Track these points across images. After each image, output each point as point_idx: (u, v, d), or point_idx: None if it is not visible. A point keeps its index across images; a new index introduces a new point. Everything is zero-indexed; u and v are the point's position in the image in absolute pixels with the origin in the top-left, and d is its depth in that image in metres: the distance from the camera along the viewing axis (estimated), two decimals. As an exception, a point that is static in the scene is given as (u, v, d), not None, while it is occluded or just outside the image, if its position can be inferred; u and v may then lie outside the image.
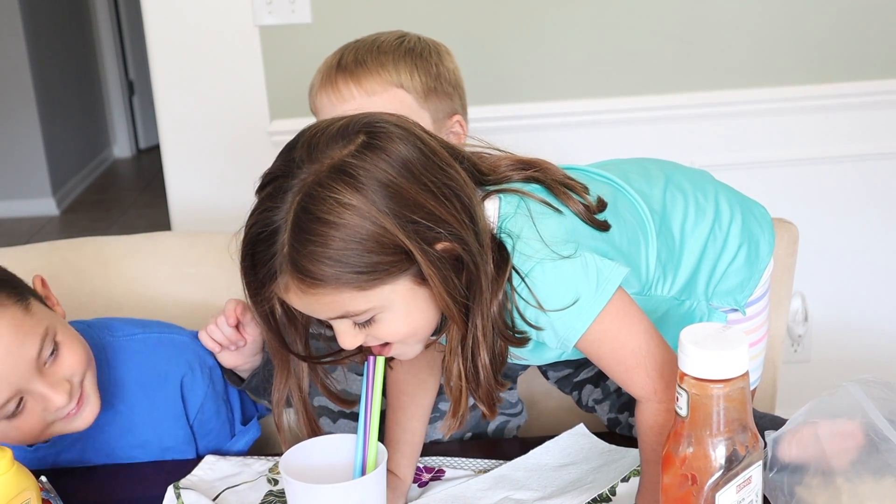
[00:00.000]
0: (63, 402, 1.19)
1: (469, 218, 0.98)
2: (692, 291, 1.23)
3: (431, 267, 0.95)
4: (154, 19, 2.17)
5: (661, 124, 2.24)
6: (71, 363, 1.21)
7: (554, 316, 1.02)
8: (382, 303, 0.97)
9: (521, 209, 1.04)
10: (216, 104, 2.21)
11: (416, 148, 0.97)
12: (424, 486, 1.24)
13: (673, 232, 1.20)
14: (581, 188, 1.09)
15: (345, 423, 1.42)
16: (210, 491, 1.24)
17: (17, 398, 1.17)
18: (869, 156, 2.29)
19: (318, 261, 0.93)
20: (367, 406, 1.10)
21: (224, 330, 1.32)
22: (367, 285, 0.95)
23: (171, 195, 2.28)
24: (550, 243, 1.01)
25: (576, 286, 1.02)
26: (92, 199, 5.15)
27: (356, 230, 0.93)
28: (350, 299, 0.96)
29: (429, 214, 0.95)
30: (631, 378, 1.07)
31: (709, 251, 1.23)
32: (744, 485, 0.94)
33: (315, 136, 0.97)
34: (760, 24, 2.21)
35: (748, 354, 0.92)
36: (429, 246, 0.95)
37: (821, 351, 2.41)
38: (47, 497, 1.19)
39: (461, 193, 0.99)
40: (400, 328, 1.00)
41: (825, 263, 2.34)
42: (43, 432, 1.22)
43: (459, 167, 1.01)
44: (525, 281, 1.01)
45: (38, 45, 4.78)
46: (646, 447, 1.10)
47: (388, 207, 0.93)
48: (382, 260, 0.94)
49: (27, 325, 1.18)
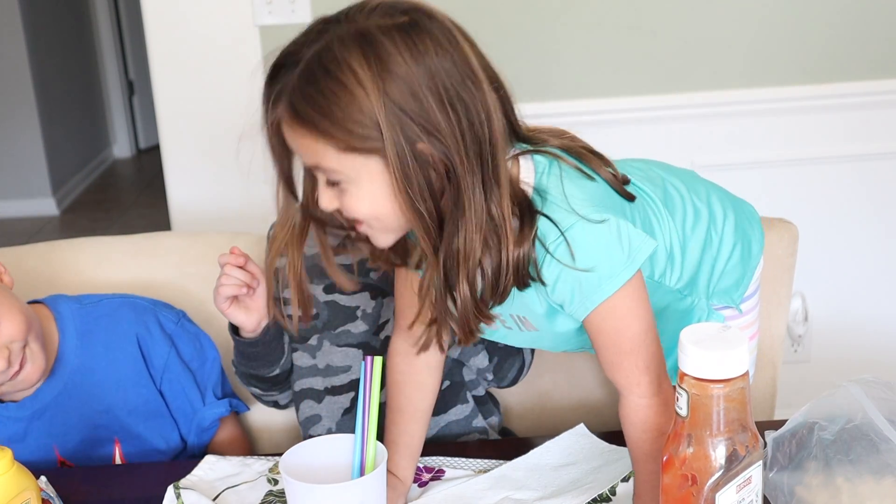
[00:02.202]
0: (1, 367, 1.26)
1: (472, 139, 0.99)
2: (694, 288, 1.24)
3: (397, 158, 0.97)
4: (154, 19, 2.17)
5: (661, 124, 2.24)
6: (9, 332, 1.28)
7: (582, 276, 1.03)
8: (350, 173, 1.00)
9: (554, 170, 1.06)
10: (216, 104, 2.21)
11: (449, 56, 0.99)
12: (424, 486, 1.24)
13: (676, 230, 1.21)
14: (607, 160, 1.12)
15: (330, 400, 1.42)
16: (210, 491, 1.24)
17: None
18: (869, 156, 2.29)
19: (309, 106, 0.98)
20: (364, 406, 1.10)
21: (235, 273, 1.33)
22: (342, 149, 0.99)
23: (171, 195, 2.28)
24: (583, 206, 1.03)
25: (609, 251, 1.03)
26: (92, 199, 5.14)
27: (349, 96, 0.96)
28: (325, 153, 1.00)
29: (423, 115, 0.97)
30: (620, 363, 1.08)
31: (707, 251, 1.24)
32: (744, 485, 0.94)
33: (370, 1, 1.01)
34: (760, 24, 2.21)
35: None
36: (406, 141, 0.97)
37: (821, 351, 2.41)
38: (47, 497, 1.19)
39: (473, 112, 0.99)
40: (362, 207, 1.02)
41: (825, 263, 2.34)
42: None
43: (493, 95, 1.02)
44: (565, 236, 1.02)
45: (38, 45, 4.77)
46: (632, 445, 1.11)
47: (387, 89, 0.96)
48: (362, 132, 0.97)
49: None
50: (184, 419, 1.46)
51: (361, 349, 1.42)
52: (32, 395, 1.38)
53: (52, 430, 1.40)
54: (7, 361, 1.27)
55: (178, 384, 1.45)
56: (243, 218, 2.20)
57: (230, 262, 1.33)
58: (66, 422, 1.40)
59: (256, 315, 1.37)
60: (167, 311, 1.48)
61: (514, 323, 1.16)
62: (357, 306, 1.42)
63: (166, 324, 1.46)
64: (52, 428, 1.40)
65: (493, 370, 1.43)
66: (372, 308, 1.42)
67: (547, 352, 1.50)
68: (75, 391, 1.40)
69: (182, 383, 1.45)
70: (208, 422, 1.46)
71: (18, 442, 1.39)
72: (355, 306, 1.42)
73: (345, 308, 1.43)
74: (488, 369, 1.43)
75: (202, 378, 1.47)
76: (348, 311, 1.42)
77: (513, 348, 1.43)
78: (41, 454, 1.40)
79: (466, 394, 1.44)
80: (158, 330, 1.44)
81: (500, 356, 1.42)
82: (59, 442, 1.40)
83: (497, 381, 1.46)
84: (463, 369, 1.43)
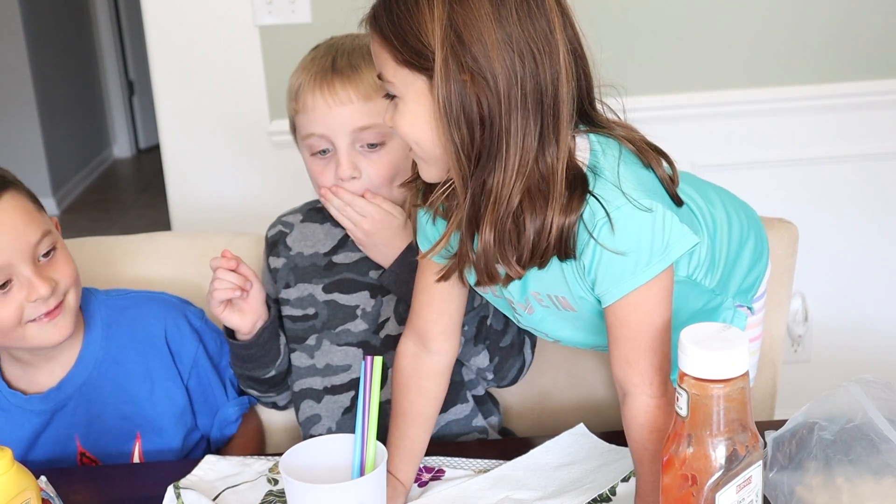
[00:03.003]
0: (46, 293, 1.28)
1: (533, 88, 1.00)
2: (724, 288, 1.25)
3: (442, 84, 0.99)
4: (154, 19, 2.17)
5: (661, 124, 2.23)
6: (62, 270, 1.33)
7: (618, 260, 1.04)
8: (402, 88, 1.03)
9: (614, 151, 1.07)
10: (216, 104, 2.21)
11: (529, 9, 1.00)
12: (424, 486, 1.24)
13: None
14: (666, 157, 1.12)
15: (330, 399, 1.42)
16: (210, 491, 1.24)
17: (4, 279, 1.27)
18: (869, 156, 2.29)
19: (384, 12, 1.02)
20: (364, 406, 1.10)
21: (228, 276, 1.33)
22: (398, 60, 1.02)
23: (171, 195, 2.28)
24: (634, 189, 1.04)
25: (649, 239, 1.04)
26: (92, 199, 5.14)
27: (417, 10, 0.99)
28: (386, 62, 1.04)
29: (481, 51, 0.98)
30: (637, 360, 1.07)
31: (731, 252, 1.25)
32: (744, 485, 0.94)
33: None
34: (761, 24, 2.21)
35: (748, 352, 0.93)
36: (455, 69, 0.98)
37: (821, 351, 2.41)
38: (47, 497, 1.19)
39: (541, 66, 1.00)
40: (404, 125, 1.05)
41: (825, 263, 2.34)
42: (15, 329, 1.30)
43: (570, 58, 1.03)
44: (610, 218, 1.03)
45: (38, 45, 4.77)
46: (636, 446, 1.10)
47: (453, 14, 0.98)
48: (416, 48, 1.00)
49: (36, 217, 1.31)
50: (207, 414, 1.48)
51: (361, 348, 1.42)
52: (56, 387, 1.39)
53: (74, 420, 1.41)
54: (51, 290, 1.29)
55: (205, 379, 1.47)
56: (243, 218, 2.20)
57: (222, 266, 1.34)
58: (89, 411, 1.41)
59: (251, 317, 1.37)
60: (193, 307, 1.50)
61: (552, 302, 1.16)
62: (357, 305, 1.42)
63: (194, 320, 1.47)
64: (75, 418, 1.41)
65: (494, 370, 1.43)
66: (372, 307, 1.42)
67: (547, 351, 1.50)
68: (100, 382, 1.41)
69: (209, 379, 1.47)
70: (234, 416, 1.48)
71: (41, 434, 1.41)
72: (355, 305, 1.42)
73: (344, 307, 1.43)
74: (488, 369, 1.43)
75: (224, 373, 1.49)
76: (348, 310, 1.43)
77: (513, 348, 1.43)
78: (62, 446, 1.41)
79: (466, 393, 1.44)
80: (187, 326, 1.46)
81: (501, 356, 1.42)
82: (81, 433, 1.42)
83: (497, 381, 1.46)
84: (462, 369, 1.43)
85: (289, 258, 1.46)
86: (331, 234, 1.45)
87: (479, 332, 1.39)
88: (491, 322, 1.39)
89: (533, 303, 1.17)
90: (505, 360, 1.43)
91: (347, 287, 1.43)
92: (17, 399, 1.40)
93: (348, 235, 1.42)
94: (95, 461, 1.42)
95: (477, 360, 1.42)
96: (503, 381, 1.46)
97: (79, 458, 1.42)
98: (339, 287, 1.43)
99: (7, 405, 1.40)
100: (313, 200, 1.51)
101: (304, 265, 1.45)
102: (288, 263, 1.46)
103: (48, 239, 1.32)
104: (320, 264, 1.44)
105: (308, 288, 1.44)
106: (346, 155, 1.33)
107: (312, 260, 1.45)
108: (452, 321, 1.24)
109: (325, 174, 1.36)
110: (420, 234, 1.21)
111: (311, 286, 1.44)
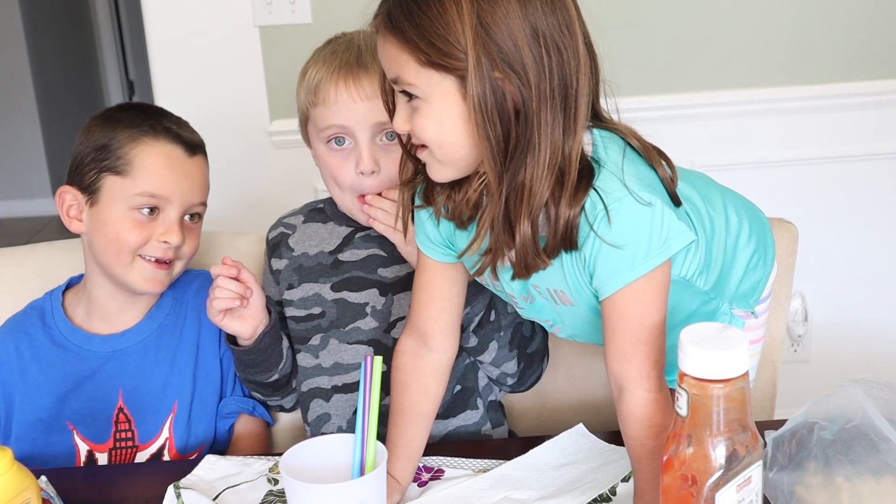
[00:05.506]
0: (176, 241, 1.40)
1: (559, 83, 1.01)
2: (720, 292, 1.24)
3: (475, 82, 0.99)
4: (154, 19, 2.17)
5: (661, 124, 2.23)
6: (192, 240, 1.44)
7: (616, 252, 1.04)
8: (426, 90, 1.02)
9: (618, 146, 1.08)
10: (216, 104, 2.21)
11: (551, 2, 1.01)
12: (424, 486, 1.24)
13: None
14: (665, 158, 1.13)
15: (340, 398, 1.42)
16: (210, 491, 1.24)
17: (155, 206, 1.39)
18: (869, 156, 2.29)
19: (403, 13, 1.01)
20: (364, 406, 1.10)
21: (228, 285, 1.33)
22: (423, 62, 1.01)
23: (171, 195, 2.28)
24: (635, 183, 1.05)
25: (647, 232, 1.04)
26: (92, 200, 5.14)
27: (443, 10, 0.99)
28: (406, 64, 1.02)
29: (512, 47, 0.99)
30: (634, 354, 1.08)
31: (727, 257, 1.25)
32: (744, 485, 0.94)
33: None
34: (760, 24, 2.21)
35: (748, 353, 0.93)
36: (488, 67, 0.99)
37: (821, 351, 2.41)
38: (47, 497, 1.19)
39: (565, 58, 1.01)
40: (429, 127, 1.04)
41: (825, 263, 2.34)
42: (130, 253, 1.40)
43: (586, 51, 1.05)
44: (608, 210, 1.03)
45: (38, 45, 4.77)
46: (633, 443, 1.10)
47: (481, 13, 0.98)
48: (445, 48, 0.99)
49: (206, 186, 1.46)
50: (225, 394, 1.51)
51: (372, 346, 1.42)
52: (120, 334, 1.45)
53: (124, 373, 1.44)
54: (180, 239, 1.40)
55: (228, 363, 1.49)
56: (243, 218, 2.20)
57: (223, 274, 1.33)
58: (139, 367, 1.44)
59: (252, 322, 1.37)
60: None
61: (550, 297, 1.16)
62: (366, 303, 1.42)
63: None
64: (125, 372, 1.44)
65: (518, 374, 1.44)
66: (382, 304, 1.42)
67: (547, 352, 1.51)
68: (157, 342, 1.46)
69: (230, 366, 1.49)
70: (229, 410, 1.49)
71: (88, 378, 1.44)
72: (364, 303, 1.42)
73: (353, 305, 1.42)
74: (514, 374, 1.43)
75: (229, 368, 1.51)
76: (357, 308, 1.42)
77: (536, 355, 1.44)
78: (105, 395, 1.44)
79: (477, 400, 1.43)
80: None
81: (526, 362, 1.43)
82: (126, 387, 1.44)
83: (517, 386, 1.46)
84: (478, 374, 1.43)
85: (292, 259, 1.46)
86: (335, 232, 1.45)
87: (513, 337, 1.40)
88: (521, 329, 1.41)
89: (534, 293, 1.17)
90: (529, 366, 1.44)
91: (356, 285, 1.43)
92: (78, 337, 1.44)
93: (353, 233, 1.42)
94: (130, 419, 1.43)
95: (508, 366, 1.42)
96: (522, 387, 1.47)
97: (115, 413, 1.43)
98: (347, 285, 1.43)
99: (65, 341, 1.44)
100: (313, 202, 1.51)
101: (309, 265, 1.45)
102: (291, 264, 1.46)
103: (202, 208, 1.45)
104: (326, 263, 1.44)
105: (314, 287, 1.44)
106: (367, 149, 1.34)
107: (318, 259, 1.45)
108: (452, 318, 1.24)
109: (345, 168, 1.36)
110: (420, 233, 1.21)
111: (317, 285, 1.44)
